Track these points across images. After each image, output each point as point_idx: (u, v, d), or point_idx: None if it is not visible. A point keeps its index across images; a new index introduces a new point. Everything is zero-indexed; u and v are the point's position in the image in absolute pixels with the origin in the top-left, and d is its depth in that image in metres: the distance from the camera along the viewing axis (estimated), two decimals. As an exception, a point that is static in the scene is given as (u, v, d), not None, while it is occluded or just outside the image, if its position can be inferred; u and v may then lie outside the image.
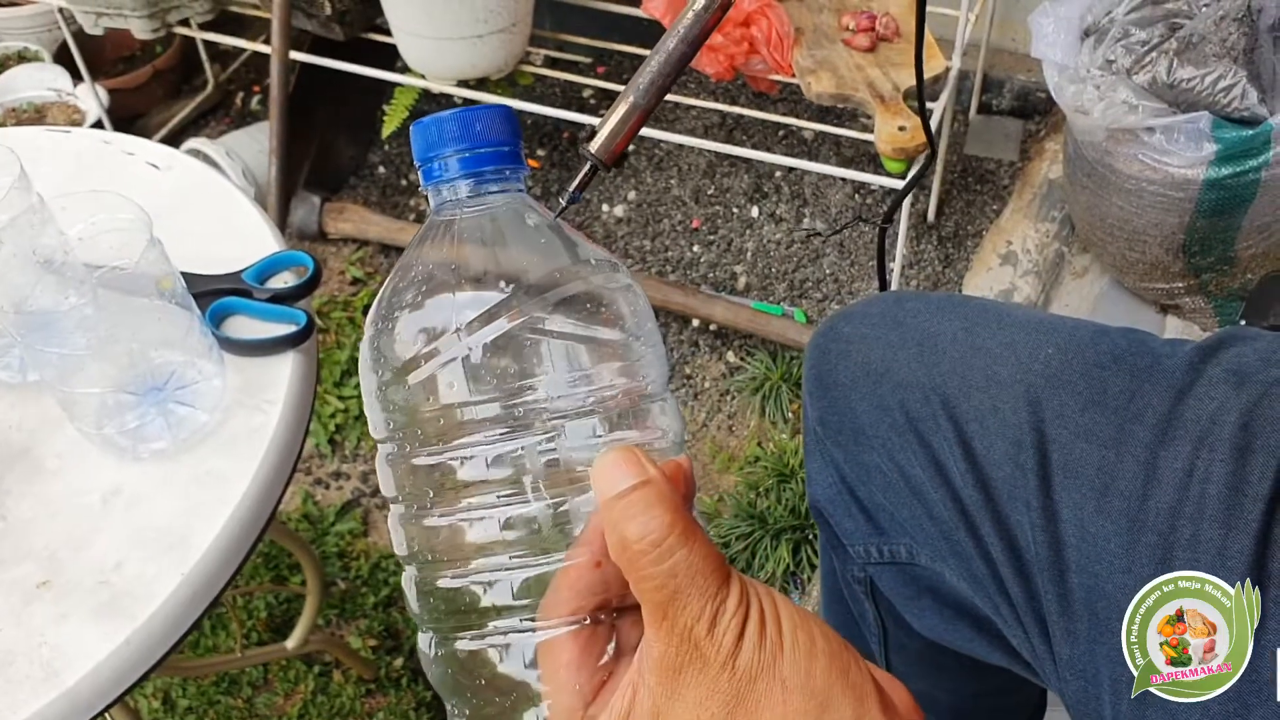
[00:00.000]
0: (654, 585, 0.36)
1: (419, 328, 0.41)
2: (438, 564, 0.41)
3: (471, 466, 0.40)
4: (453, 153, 0.43)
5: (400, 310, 0.42)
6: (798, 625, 0.37)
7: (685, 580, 0.36)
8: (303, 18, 1.79)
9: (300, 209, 1.87)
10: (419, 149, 0.43)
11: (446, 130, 0.43)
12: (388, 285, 0.43)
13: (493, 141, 0.43)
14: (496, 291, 0.41)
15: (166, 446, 0.73)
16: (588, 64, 2.08)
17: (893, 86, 1.51)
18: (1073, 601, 0.62)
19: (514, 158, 0.44)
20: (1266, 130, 1.35)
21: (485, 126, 0.43)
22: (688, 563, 0.36)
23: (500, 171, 0.43)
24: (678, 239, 1.89)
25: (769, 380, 1.63)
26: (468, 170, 0.43)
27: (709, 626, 0.36)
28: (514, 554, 0.40)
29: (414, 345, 0.41)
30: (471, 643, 0.41)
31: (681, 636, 0.36)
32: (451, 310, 0.41)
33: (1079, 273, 1.71)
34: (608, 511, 0.37)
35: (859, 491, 0.77)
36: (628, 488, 0.37)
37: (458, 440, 0.40)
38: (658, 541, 0.36)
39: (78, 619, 0.66)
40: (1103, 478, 0.62)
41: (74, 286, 0.69)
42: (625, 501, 0.37)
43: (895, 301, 0.79)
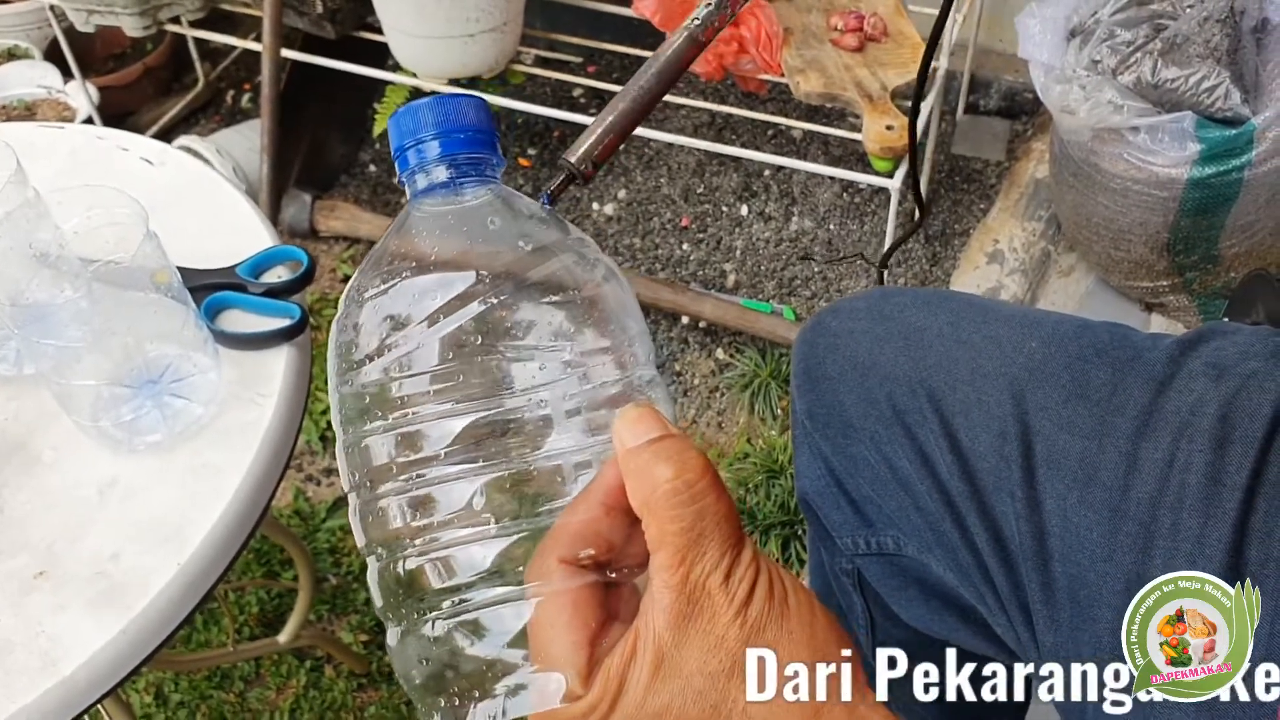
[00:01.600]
0: (681, 527, 0.37)
1: (388, 315, 0.41)
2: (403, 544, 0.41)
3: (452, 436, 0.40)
4: (432, 139, 0.43)
5: (370, 298, 0.42)
6: (800, 590, 0.39)
7: (711, 525, 0.37)
8: (294, 15, 1.80)
9: (291, 206, 1.87)
10: (396, 136, 0.44)
11: (424, 117, 0.43)
12: (360, 271, 0.43)
13: (471, 128, 0.43)
14: (472, 276, 0.41)
15: (162, 439, 0.74)
16: (578, 63, 2.09)
17: (880, 86, 1.53)
18: (1055, 590, 0.63)
19: (492, 147, 0.44)
20: (1249, 130, 1.37)
21: (463, 114, 0.43)
22: (715, 509, 0.37)
23: (478, 160, 0.44)
24: (667, 237, 1.90)
25: (758, 377, 1.64)
26: (447, 154, 0.43)
27: (725, 576, 0.37)
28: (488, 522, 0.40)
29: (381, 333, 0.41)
30: (441, 626, 0.40)
31: (696, 584, 0.37)
32: (423, 295, 0.41)
33: (1065, 271, 1.73)
34: (635, 457, 0.38)
35: (847, 484, 0.78)
36: (657, 436, 0.38)
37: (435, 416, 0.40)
38: (692, 482, 0.37)
39: (75, 609, 0.67)
40: (1085, 468, 0.64)
41: (69, 280, 0.69)
42: (657, 446, 0.38)
43: (882, 296, 0.80)
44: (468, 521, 0.40)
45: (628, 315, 0.44)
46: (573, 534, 0.39)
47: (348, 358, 0.42)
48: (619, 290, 0.44)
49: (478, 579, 0.40)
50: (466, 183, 0.44)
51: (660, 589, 0.37)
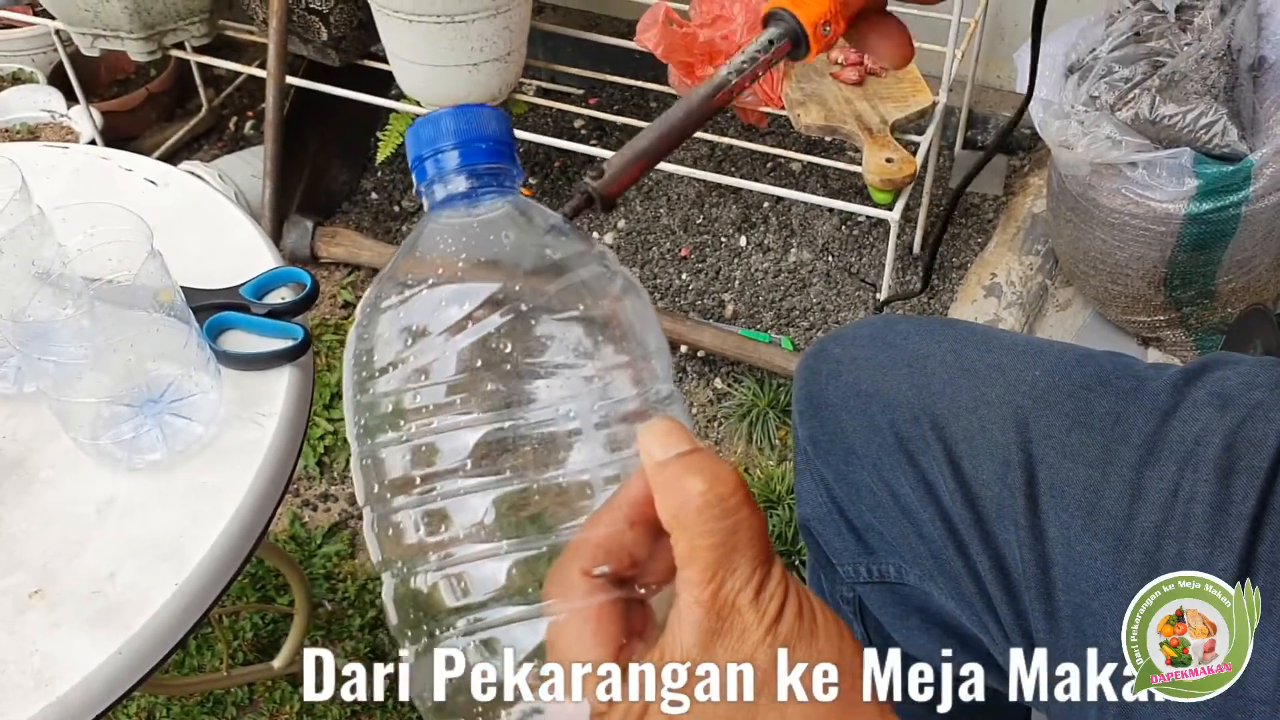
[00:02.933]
0: (713, 542, 0.36)
1: (405, 326, 0.41)
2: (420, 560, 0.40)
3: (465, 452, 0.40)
4: (451, 148, 0.42)
5: (387, 309, 0.41)
6: (826, 610, 0.38)
7: (744, 540, 0.36)
8: (299, 43, 1.81)
9: (293, 233, 1.87)
10: (415, 145, 0.43)
11: (445, 126, 0.42)
12: (377, 283, 0.43)
13: (490, 138, 0.43)
14: (491, 288, 0.40)
15: (162, 458, 0.74)
16: (580, 95, 2.10)
17: (880, 119, 1.54)
18: (1059, 619, 0.63)
19: (511, 158, 0.43)
20: (1247, 166, 1.38)
21: (484, 124, 0.43)
22: (749, 524, 0.37)
23: (496, 171, 0.43)
24: (666, 267, 1.90)
25: (756, 407, 1.64)
26: (466, 165, 0.42)
27: (755, 593, 0.36)
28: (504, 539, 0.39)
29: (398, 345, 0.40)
30: (456, 645, 0.40)
31: (726, 601, 0.36)
32: (441, 306, 0.40)
33: (1062, 305, 1.73)
34: (665, 470, 0.37)
35: (848, 511, 0.78)
36: (687, 449, 0.37)
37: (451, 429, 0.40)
38: (725, 496, 0.36)
39: (70, 628, 0.66)
40: (1089, 497, 0.64)
41: (71, 298, 0.69)
42: (688, 459, 0.37)
43: (885, 324, 0.80)
44: (484, 538, 0.39)
45: (647, 330, 0.43)
46: (595, 547, 0.39)
47: (366, 367, 0.41)
48: (639, 304, 0.43)
49: (493, 597, 0.39)
50: (485, 194, 0.43)
51: (689, 605, 0.37)
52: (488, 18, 1.58)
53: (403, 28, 1.60)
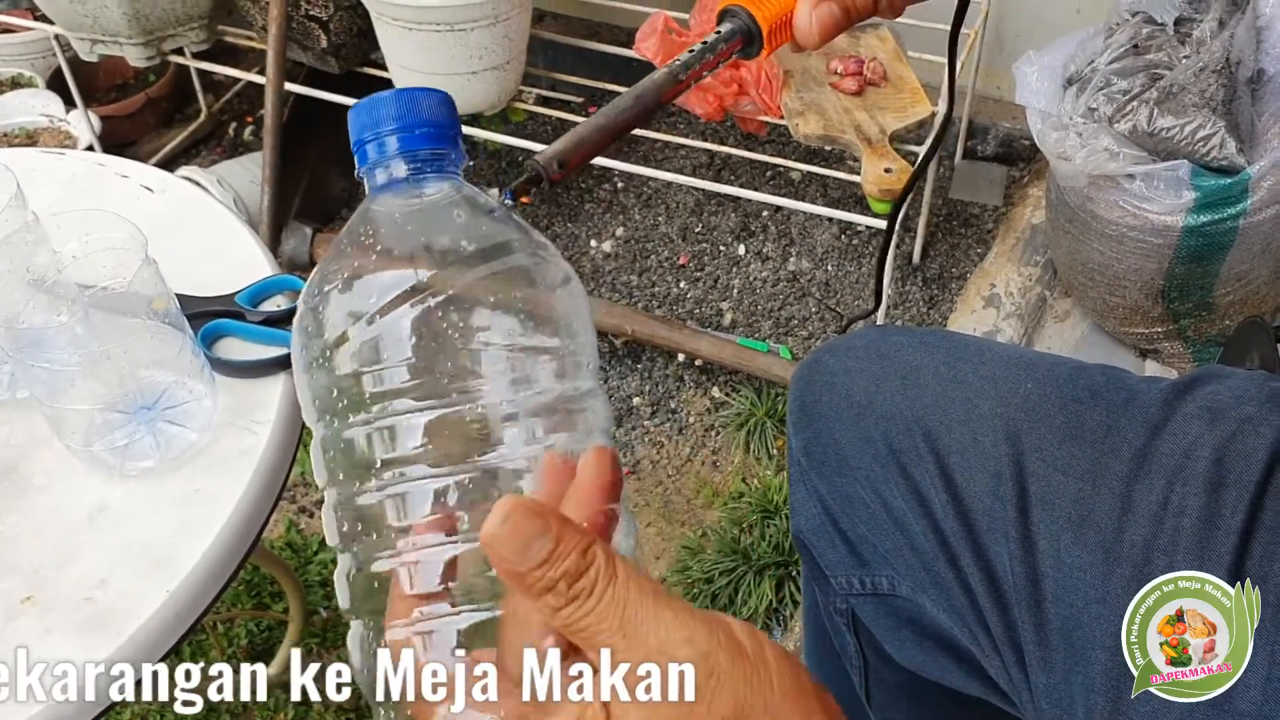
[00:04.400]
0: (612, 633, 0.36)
1: (346, 310, 0.41)
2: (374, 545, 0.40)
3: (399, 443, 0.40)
4: (392, 132, 0.42)
5: (329, 292, 0.41)
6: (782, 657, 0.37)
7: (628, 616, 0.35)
8: (298, 49, 1.81)
9: (292, 239, 1.88)
10: (356, 128, 0.43)
11: (385, 109, 0.42)
12: (320, 266, 0.43)
13: (432, 122, 0.42)
14: (426, 273, 0.40)
15: (155, 465, 0.74)
16: (579, 103, 2.10)
17: (879, 129, 1.54)
18: (1049, 631, 0.63)
19: (453, 141, 0.43)
20: (1244, 179, 1.38)
21: (425, 107, 0.42)
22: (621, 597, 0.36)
23: (438, 156, 0.43)
24: (664, 275, 1.91)
25: (754, 416, 1.64)
26: (406, 149, 0.42)
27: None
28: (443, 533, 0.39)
29: (340, 327, 0.41)
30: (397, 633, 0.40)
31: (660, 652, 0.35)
32: (377, 291, 0.40)
33: (1060, 316, 1.73)
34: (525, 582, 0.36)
35: (842, 522, 0.78)
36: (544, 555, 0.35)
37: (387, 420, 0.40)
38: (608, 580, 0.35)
39: (62, 634, 0.66)
40: (1079, 510, 0.64)
41: (65, 305, 0.69)
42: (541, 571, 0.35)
43: (879, 335, 0.80)
44: (427, 526, 0.39)
45: (577, 322, 0.43)
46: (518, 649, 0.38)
47: (310, 350, 0.42)
48: (572, 296, 0.43)
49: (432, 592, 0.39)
50: (426, 178, 0.43)
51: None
52: (487, 26, 1.59)
53: (402, 35, 1.60)
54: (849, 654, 0.86)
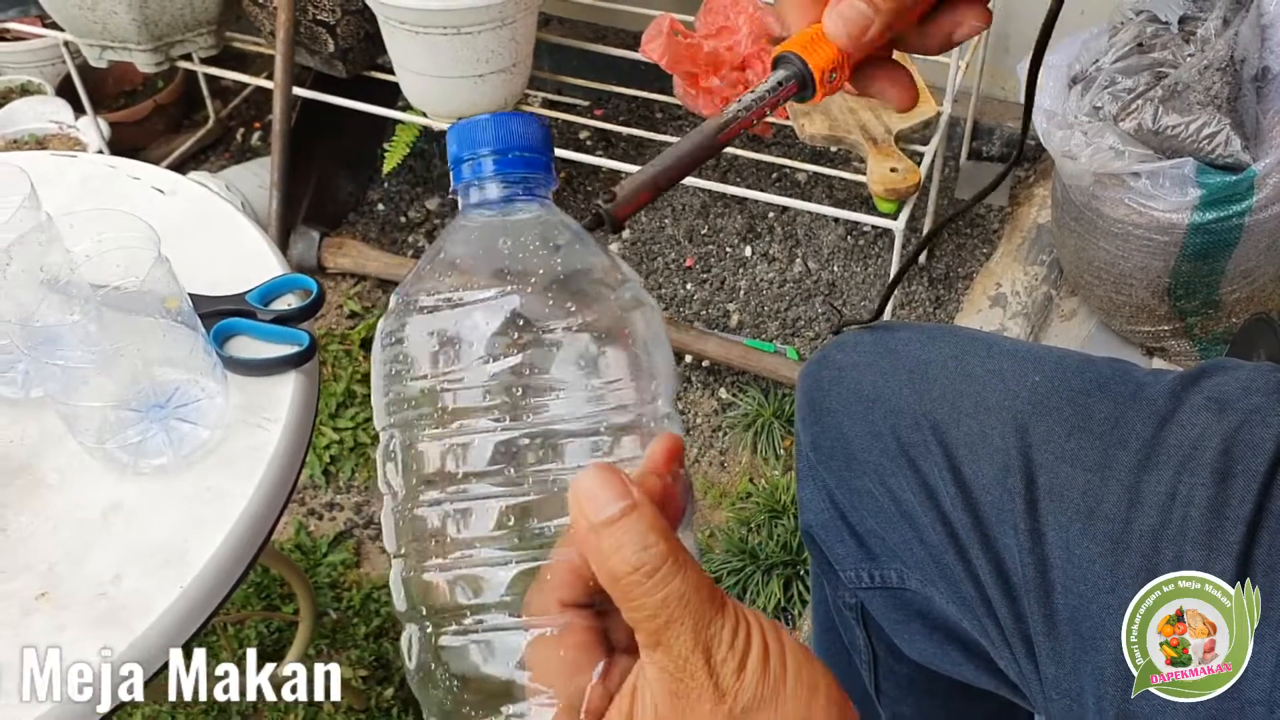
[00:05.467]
0: (647, 615, 0.36)
1: (433, 330, 0.41)
2: (427, 556, 0.41)
3: (470, 458, 0.40)
4: (489, 153, 0.43)
5: (417, 310, 0.42)
6: (802, 663, 0.36)
7: (679, 610, 0.35)
8: (306, 54, 1.82)
9: (300, 243, 1.88)
10: (455, 146, 0.44)
11: (484, 131, 0.43)
12: (408, 278, 0.44)
13: (529, 147, 0.44)
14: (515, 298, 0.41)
15: (167, 462, 0.74)
16: (585, 106, 2.11)
17: (885, 129, 1.54)
18: (1058, 622, 0.63)
19: (547, 167, 0.45)
20: (1250, 176, 1.38)
21: (523, 132, 0.44)
22: (680, 593, 0.35)
23: (531, 179, 0.44)
24: (671, 277, 1.91)
25: (761, 417, 1.65)
26: (500, 171, 0.43)
27: (705, 657, 0.35)
28: (504, 548, 0.40)
29: (426, 347, 0.41)
30: (455, 639, 0.41)
31: (678, 664, 0.35)
32: (467, 316, 0.41)
33: (1067, 315, 1.74)
34: (593, 539, 0.36)
35: (851, 516, 0.78)
36: (615, 513, 0.36)
37: (459, 435, 0.41)
38: (650, 572, 0.35)
39: (76, 631, 0.67)
40: (1088, 501, 0.64)
41: (78, 304, 0.70)
42: (612, 530, 0.36)
43: (887, 330, 0.81)
44: (488, 543, 0.40)
45: (654, 349, 0.44)
46: (567, 572, 0.39)
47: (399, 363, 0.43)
48: (650, 324, 0.44)
49: (491, 602, 0.40)
50: (517, 200, 0.44)
51: (646, 662, 0.36)
52: (494, 29, 1.59)
53: (409, 39, 1.61)
54: (858, 648, 0.86)
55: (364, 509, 1.60)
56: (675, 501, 0.40)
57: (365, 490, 1.62)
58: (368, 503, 1.61)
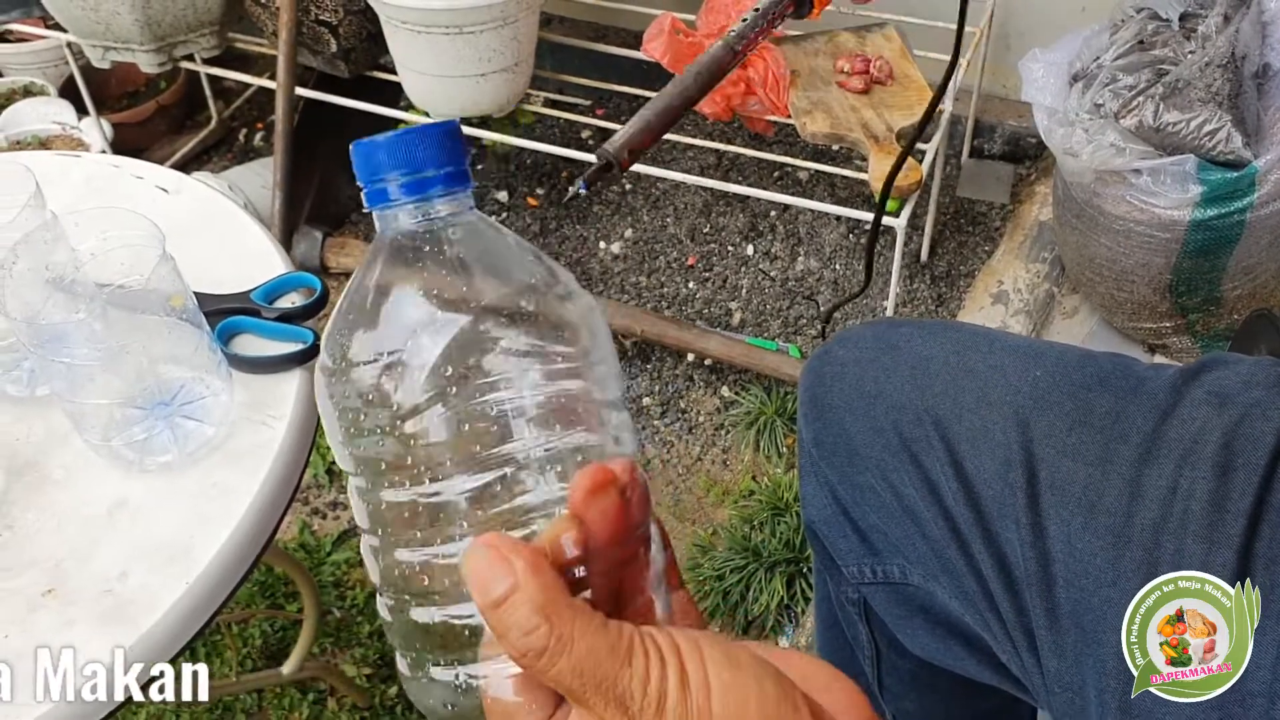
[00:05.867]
0: (552, 685, 0.36)
1: (373, 352, 0.40)
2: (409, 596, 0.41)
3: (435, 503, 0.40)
4: (395, 176, 0.41)
5: (351, 347, 0.41)
6: (728, 686, 0.35)
7: (576, 681, 0.35)
8: (308, 55, 1.82)
9: (303, 243, 1.89)
10: (360, 171, 0.42)
11: (383, 155, 0.42)
12: (337, 315, 0.42)
13: (432, 163, 0.42)
14: (448, 315, 0.40)
15: (173, 459, 0.74)
16: (587, 105, 2.11)
17: (886, 127, 1.54)
18: (1060, 616, 0.63)
19: (457, 177, 0.42)
20: (1251, 173, 1.38)
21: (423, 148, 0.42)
22: (572, 667, 0.35)
23: (445, 193, 0.42)
24: (673, 275, 1.91)
25: (763, 415, 1.65)
26: (410, 195, 0.41)
27: (621, 711, 0.35)
28: None
29: (365, 384, 0.40)
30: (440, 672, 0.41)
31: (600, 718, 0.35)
32: (403, 333, 0.40)
33: (1069, 313, 1.74)
34: (488, 621, 0.36)
35: (853, 512, 0.79)
36: (499, 595, 0.36)
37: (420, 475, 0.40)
38: (537, 655, 0.35)
39: (82, 627, 0.67)
40: (1089, 495, 0.64)
41: (84, 303, 0.70)
42: (499, 614, 0.36)
43: (889, 327, 0.81)
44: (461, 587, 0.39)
45: (595, 340, 0.43)
46: None
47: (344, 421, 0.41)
48: (589, 318, 0.43)
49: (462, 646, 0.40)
50: (433, 216, 0.42)
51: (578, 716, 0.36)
52: (496, 29, 1.60)
53: (411, 39, 1.61)
54: (861, 643, 0.86)
55: (367, 508, 1.60)
56: (613, 527, 0.39)
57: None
58: (371, 501, 1.61)
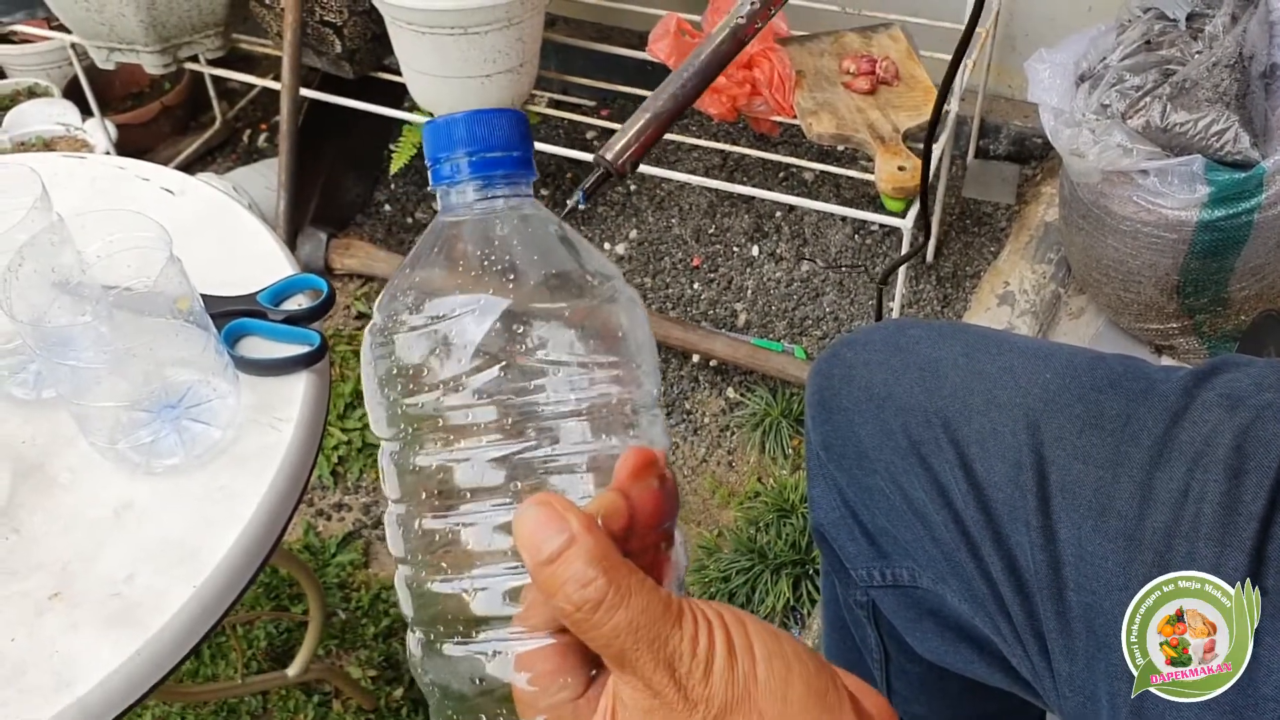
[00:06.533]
0: (602, 644, 0.36)
1: (420, 332, 0.41)
2: (431, 567, 0.41)
3: (467, 470, 0.40)
4: (463, 154, 0.42)
5: (403, 313, 0.42)
6: (772, 653, 0.36)
7: (630, 638, 0.35)
8: (313, 55, 1.82)
9: (307, 244, 1.89)
10: (429, 148, 0.43)
11: (457, 131, 0.43)
12: (393, 284, 0.43)
13: (503, 145, 0.43)
14: (499, 298, 0.40)
15: (180, 462, 0.74)
16: (591, 106, 2.11)
17: (892, 128, 1.54)
18: (1071, 619, 0.63)
19: (524, 163, 0.44)
20: (1259, 174, 1.38)
21: (497, 130, 0.43)
22: (628, 622, 0.35)
23: (509, 176, 0.43)
24: (678, 276, 1.91)
25: (769, 416, 1.65)
26: (477, 173, 0.43)
27: (670, 673, 0.35)
28: (505, 563, 0.40)
29: (413, 350, 0.41)
30: (459, 648, 0.41)
31: (645, 684, 0.35)
32: (452, 317, 0.41)
33: (1075, 314, 1.73)
34: (539, 577, 0.36)
35: (861, 515, 0.78)
36: (554, 550, 0.36)
37: (456, 445, 0.40)
38: (594, 608, 0.35)
39: (89, 630, 0.67)
40: (1100, 498, 0.64)
41: (90, 305, 0.70)
42: (552, 569, 0.35)
43: (897, 328, 0.81)
44: (489, 557, 0.40)
45: (637, 341, 0.43)
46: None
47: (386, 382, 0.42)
48: (633, 316, 0.44)
49: (489, 615, 0.40)
50: (496, 199, 0.43)
51: (619, 684, 0.36)
52: (500, 29, 1.59)
53: (416, 39, 1.61)
54: (870, 647, 0.86)
55: (372, 510, 1.60)
56: (651, 510, 0.39)
57: (373, 491, 1.62)
58: (375, 503, 1.61)
